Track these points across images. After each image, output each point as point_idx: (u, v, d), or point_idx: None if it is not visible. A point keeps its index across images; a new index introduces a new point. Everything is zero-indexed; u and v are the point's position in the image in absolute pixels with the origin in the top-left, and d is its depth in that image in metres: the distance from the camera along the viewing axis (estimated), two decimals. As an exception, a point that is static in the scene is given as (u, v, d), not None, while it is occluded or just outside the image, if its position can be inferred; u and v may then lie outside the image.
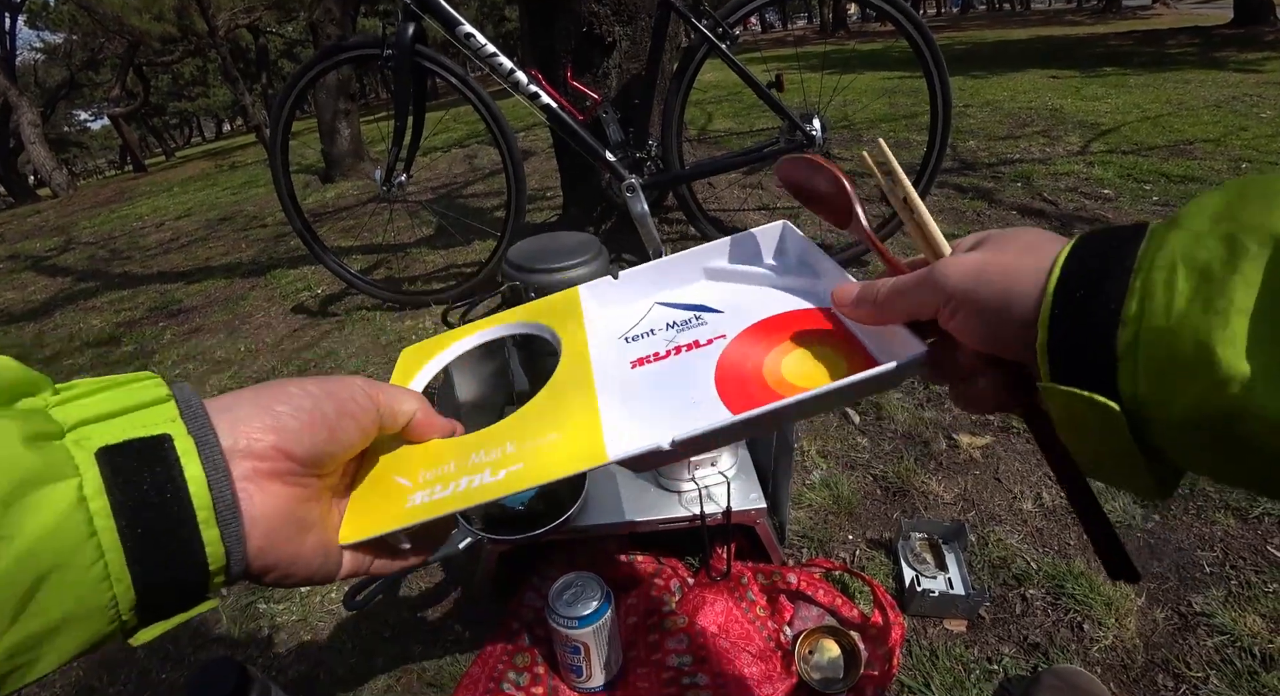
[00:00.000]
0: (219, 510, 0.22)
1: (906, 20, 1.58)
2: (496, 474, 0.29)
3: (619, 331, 0.37)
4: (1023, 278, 0.24)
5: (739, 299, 0.37)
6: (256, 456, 0.24)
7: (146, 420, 0.22)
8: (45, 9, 11.28)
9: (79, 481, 0.20)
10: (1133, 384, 0.20)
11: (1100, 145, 2.85)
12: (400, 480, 0.30)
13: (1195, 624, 0.81)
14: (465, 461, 0.30)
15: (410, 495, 0.29)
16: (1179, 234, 0.20)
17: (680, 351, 0.34)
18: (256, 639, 0.94)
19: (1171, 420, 0.20)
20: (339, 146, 4.24)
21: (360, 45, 1.65)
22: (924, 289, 0.27)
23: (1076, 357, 0.22)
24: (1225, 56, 5.30)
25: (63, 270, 3.41)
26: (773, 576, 0.88)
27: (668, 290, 0.40)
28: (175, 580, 0.22)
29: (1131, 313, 0.20)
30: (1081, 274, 0.22)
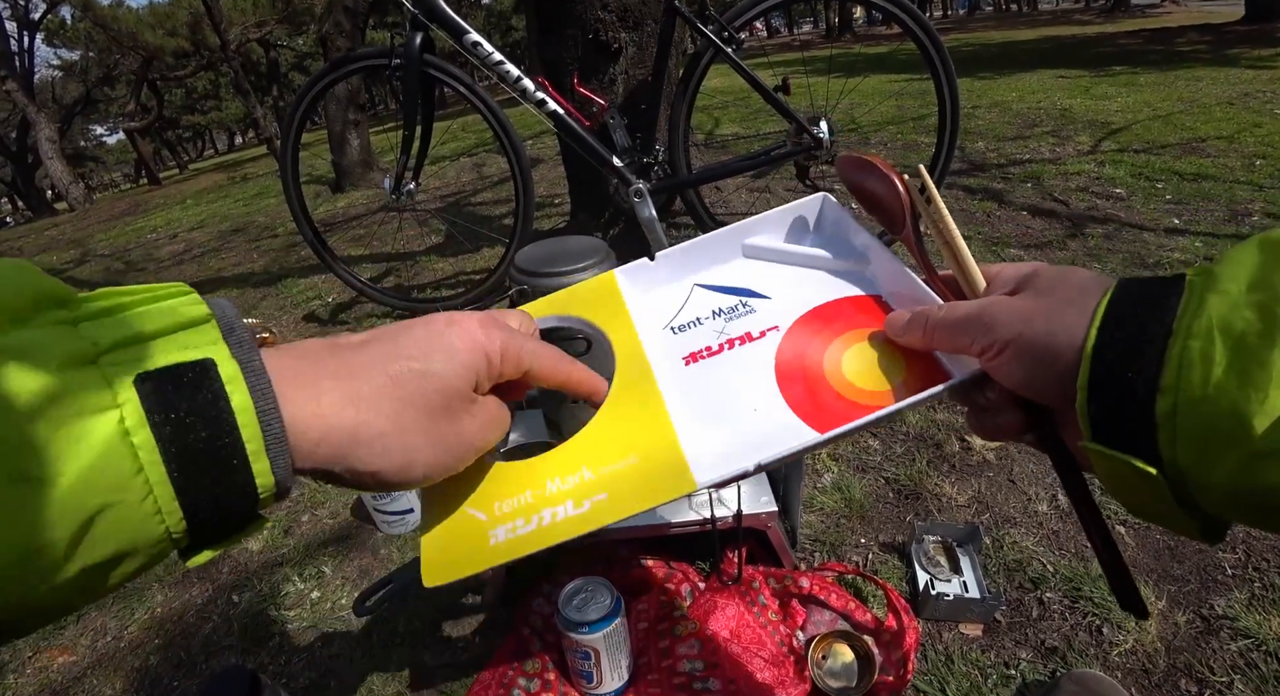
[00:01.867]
0: (268, 441, 0.21)
1: (913, 22, 1.57)
2: (581, 506, 0.28)
3: (663, 320, 0.36)
4: (1064, 330, 0.24)
5: (783, 282, 0.36)
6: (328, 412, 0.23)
7: (187, 342, 0.21)
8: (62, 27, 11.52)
9: (119, 413, 0.18)
10: (1172, 451, 0.21)
11: (1111, 144, 2.83)
12: (475, 513, 0.29)
13: (1218, 627, 0.79)
14: (542, 491, 0.29)
15: (490, 531, 0.28)
16: (1216, 299, 0.20)
17: (733, 345, 0.34)
18: (268, 645, 0.94)
19: (1212, 487, 0.20)
20: (349, 157, 4.29)
21: (369, 56, 1.67)
22: (972, 328, 0.27)
23: (1117, 422, 0.22)
24: (1237, 53, 5.24)
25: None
26: (784, 580, 0.87)
27: (706, 271, 0.39)
28: (227, 510, 0.21)
29: (1169, 382, 0.21)
30: (1120, 337, 0.22)
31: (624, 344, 0.35)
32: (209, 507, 0.21)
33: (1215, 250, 1.73)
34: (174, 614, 1.03)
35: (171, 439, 0.19)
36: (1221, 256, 0.22)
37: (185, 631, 0.99)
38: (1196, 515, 0.22)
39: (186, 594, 1.06)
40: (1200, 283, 0.21)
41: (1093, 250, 1.83)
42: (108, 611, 1.05)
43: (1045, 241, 1.92)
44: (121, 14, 9.83)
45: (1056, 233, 1.97)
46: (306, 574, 1.05)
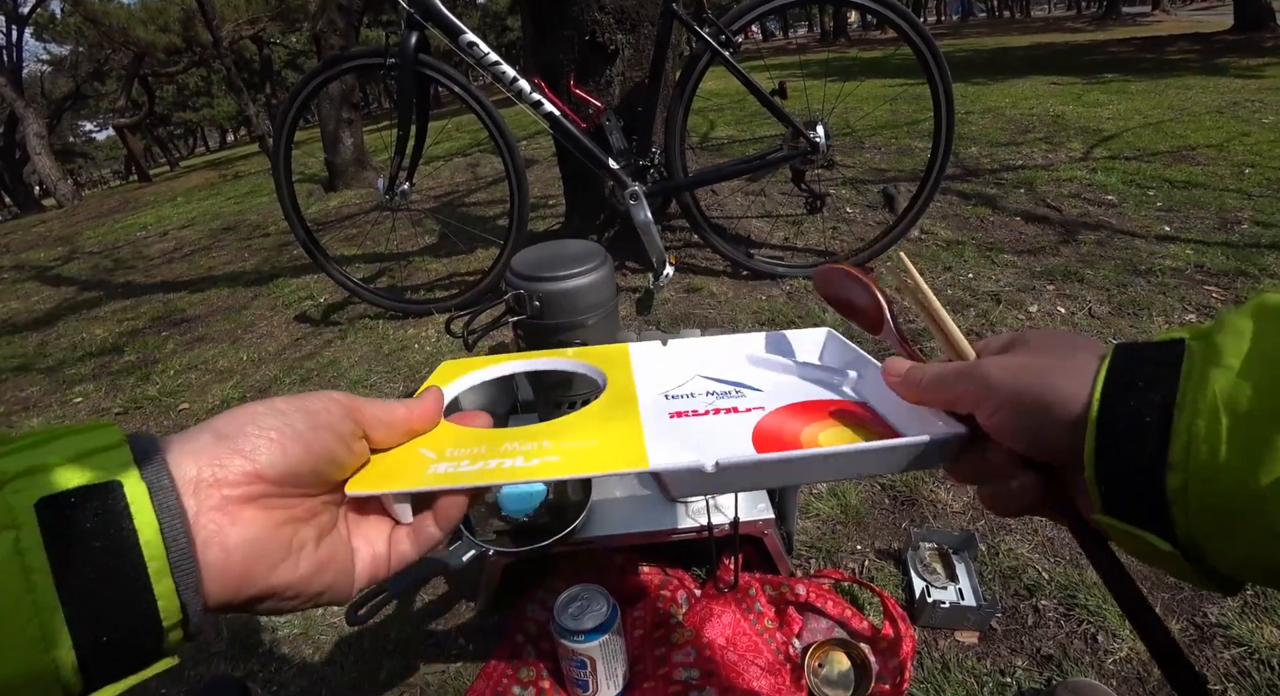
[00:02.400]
0: (174, 560, 0.20)
1: (909, 27, 1.58)
2: (530, 460, 0.29)
3: (661, 388, 0.39)
4: (1063, 383, 0.24)
5: (780, 383, 0.39)
6: (226, 484, 0.23)
7: (95, 465, 0.20)
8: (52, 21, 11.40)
9: (16, 534, 0.18)
10: (1186, 524, 0.21)
11: (1102, 151, 2.85)
12: (425, 451, 0.30)
13: (1211, 635, 0.80)
14: (498, 447, 0.30)
15: (433, 465, 0.29)
16: (1218, 374, 0.20)
17: (719, 412, 0.35)
18: (258, 654, 0.92)
19: (1230, 558, 0.20)
20: (342, 156, 4.26)
21: (363, 54, 1.65)
22: (965, 381, 0.27)
23: (1128, 496, 0.22)
24: (1226, 62, 5.31)
25: (67, 280, 3.42)
26: (781, 587, 0.87)
27: (711, 365, 0.42)
28: (123, 639, 0.20)
29: (1178, 458, 0.20)
30: (1123, 409, 0.22)
31: (619, 386, 0.37)
32: (101, 635, 0.19)
33: (1205, 257, 1.75)
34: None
35: (65, 559, 0.19)
36: (1220, 323, 0.22)
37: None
38: (1214, 576, 0.22)
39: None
40: (1200, 352, 0.21)
41: (1085, 256, 1.84)
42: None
43: (1038, 247, 1.93)
44: (112, 9, 9.73)
45: (1049, 239, 1.99)
46: (297, 579, 1.04)
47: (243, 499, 0.23)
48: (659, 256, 1.67)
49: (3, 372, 2.17)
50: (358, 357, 1.78)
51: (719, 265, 1.99)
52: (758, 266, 1.85)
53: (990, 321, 1.53)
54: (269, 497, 0.24)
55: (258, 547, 0.23)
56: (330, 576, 0.26)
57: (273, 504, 0.24)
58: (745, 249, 1.92)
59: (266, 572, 0.24)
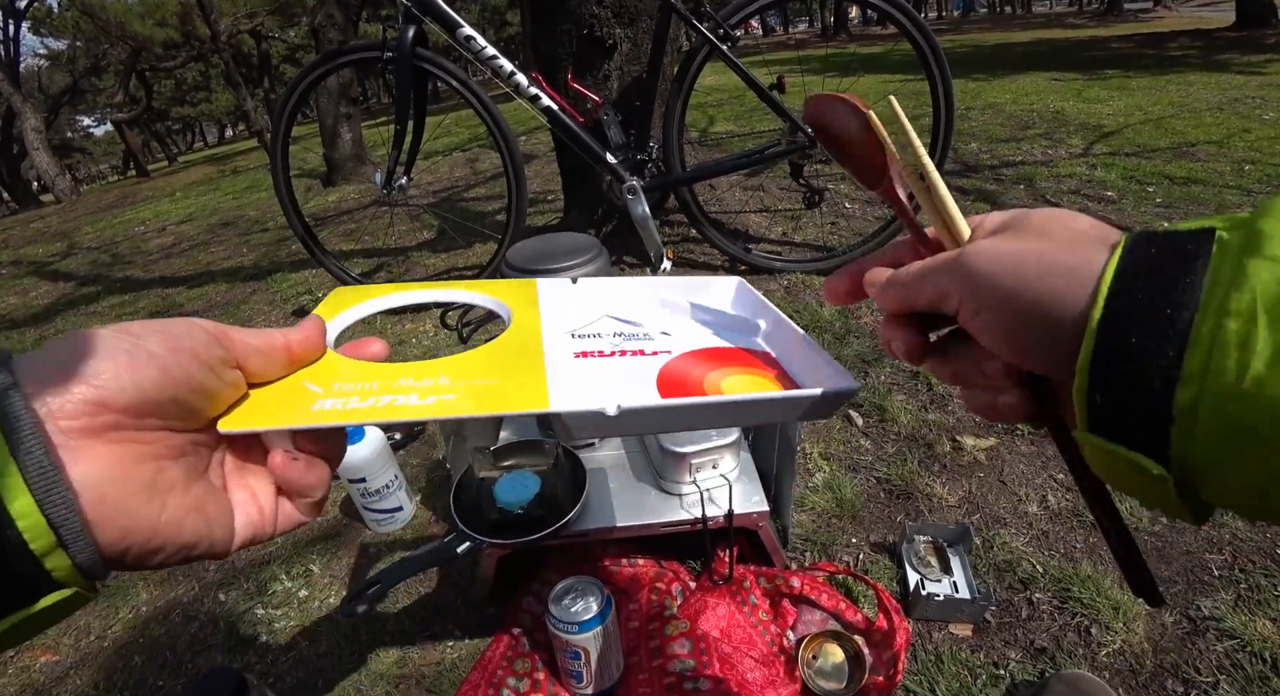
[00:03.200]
0: (28, 471, 0.18)
1: (909, 22, 1.57)
2: (425, 398, 0.27)
3: (567, 327, 0.38)
4: (1068, 278, 0.20)
5: (688, 329, 0.39)
6: (65, 415, 0.20)
7: None
8: (49, 16, 11.35)
9: None
10: (1185, 447, 0.18)
11: (1103, 147, 2.85)
12: (310, 386, 0.27)
13: (1204, 628, 0.80)
14: (390, 383, 0.28)
15: (319, 401, 0.26)
16: (1260, 267, 0.16)
17: (625, 354, 0.35)
18: (254, 645, 0.93)
19: (1228, 488, 0.18)
20: (340, 150, 4.25)
21: (361, 48, 1.65)
22: (947, 274, 0.23)
23: (1122, 413, 0.19)
24: (1227, 59, 5.29)
25: (65, 275, 3.42)
26: (775, 580, 0.87)
27: (621, 307, 0.41)
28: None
29: (1194, 368, 0.17)
30: (1133, 308, 0.18)
31: (524, 323, 0.36)
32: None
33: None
34: (159, 612, 1.01)
35: None
36: (1265, 207, 0.17)
37: (170, 630, 0.98)
38: (1193, 505, 0.19)
39: (172, 592, 1.05)
40: (1237, 242, 0.17)
41: (1084, 252, 1.84)
42: (91, 610, 1.03)
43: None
44: (110, 3, 9.69)
45: (1048, 234, 1.98)
46: (294, 572, 1.04)
47: (87, 430, 0.20)
48: (657, 251, 1.67)
49: (1, 367, 2.17)
50: (355, 352, 1.77)
51: (717, 259, 1.99)
52: (755, 261, 1.85)
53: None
54: (120, 430, 0.21)
55: (111, 485, 0.20)
56: (201, 523, 0.23)
57: (126, 437, 0.21)
58: (743, 243, 1.92)
59: (123, 515, 0.21)
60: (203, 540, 0.23)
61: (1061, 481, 1.04)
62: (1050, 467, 1.07)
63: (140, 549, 0.21)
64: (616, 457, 0.95)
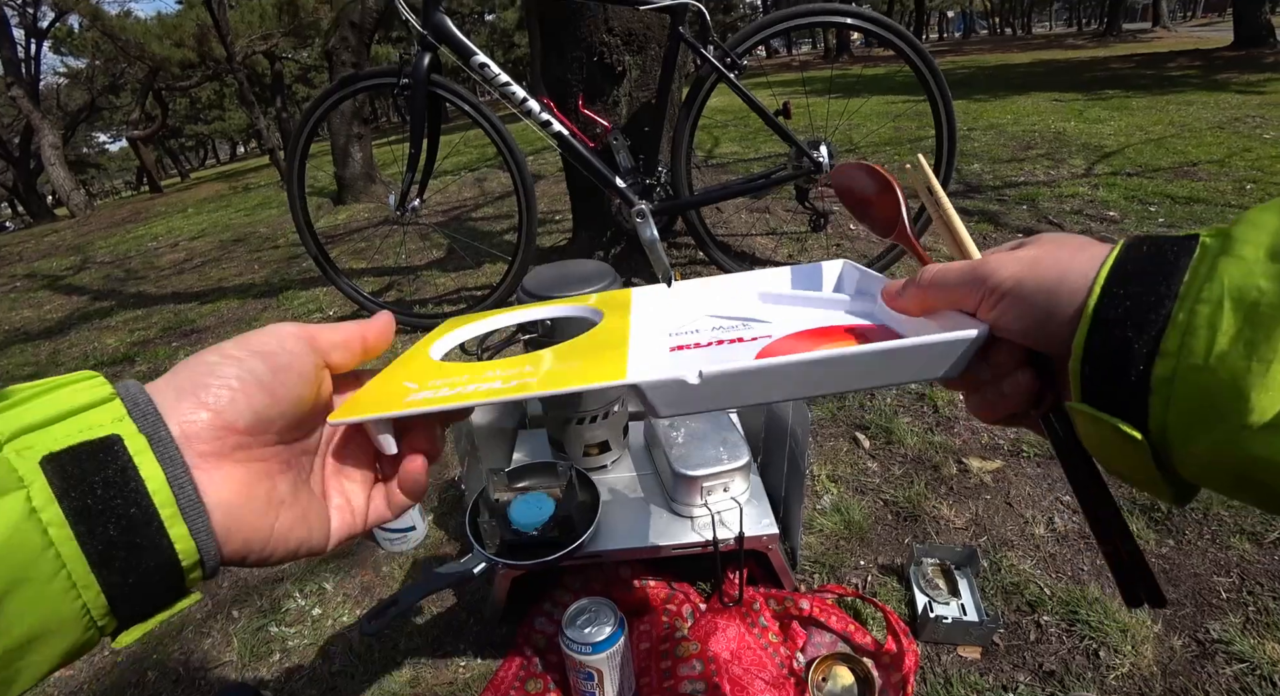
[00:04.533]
0: (183, 505, 0.21)
1: (907, 46, 1.61)
2: (508, 383, 0.28)
3: (665, 328, 0.38)
4: (1074, 274, 0.23)
5: (792, 314, 0.37)
6: (198, 440, 0.23)
7: (92, 421, 0.21)
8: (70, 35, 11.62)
9: (25, 493, 0.19)
10: (1162, 416, 0.20)
11: (1104, 167, 2.88)
12: (409, 384, 0.30)
13: (1213, 651, 0.80)
14: (480, 375, 0.30)
15: (413, 394, 0.28)
16: (1229, 263, 0.19)
17: (722, 343, 0.34)
18: (268, 662, 0.94)
19: (1195, 455, 0.20)
20: (351, 169, 4.32)
21: (377, 74, 1.69)
22: (969, 277, 0.26)
23: (1109, 382, 0.21)
24: (1226, 78, 5.35)
25: (78, 289, 3.47)
26: (785, 602, 0.88)
27: (720, 305, 0.40)
28: (148, 581, 0.21)
29: (1171, 346, 0.20)
30: (1124, 296, 0.21)
31: (611, 322, 0.36)
32: (128, 578, 0.20)
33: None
34: (172, 628, 1.02)
35: (80, 512, 0.19)
36: (1239, 218, 0.20)
37: (184, 646, 0.99)
38: (1172, 479, 0.22)
39: (186, 609, 1.06)
40: (1215, 245, 0.20)
41: (1087, 273, 1.85)
42: (106, 626, 1.04)
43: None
44: (130, 24, 9.92)
45: (1052, 255, 2.00)
46: (308, 590, 1.05)
47: (216, 454, 0.23)
48: (664, 273, 1.69)
49: (16, 380, 2.19)
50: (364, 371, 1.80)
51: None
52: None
53: (992, 338, 1.55)
54: (242, 449, 0.24)
55: (237, 503, 0.23)
56: (304, 530, 0.26)
57: (248, 456, 0.24)
58: (750, 266, 1.94)
59: (246, 528, 0.23)
60: (304, 543, 0.26)
61: (1068, 503, 1.05)
62: (1056, 490, 1.08)
63: (256, 556, 0.24)
64: (629, 480, 0.97)
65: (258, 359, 0.25)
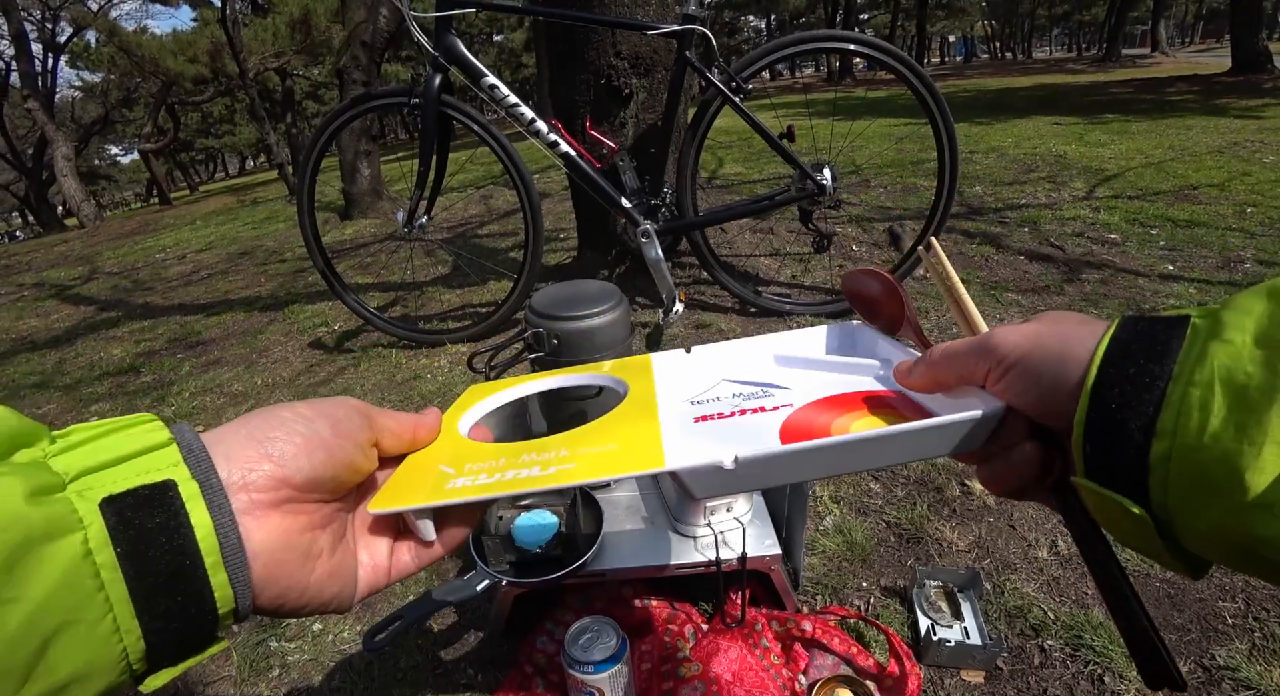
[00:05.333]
0: (226, 554, 0.22)
1: (908, 71, 1.64)
2: (547, 469, 0.29)
3: (686, 395, 0.38)
4: (1075, 347, 0.24)
5: (810, 380, 0.38)
6: (255, 488, 0.24)
7: (149, 466, 0.22)
8: (86, 50, 11.85)
9: (84, 534, 0.19)
10: (1163, 494, 0.21)
11: (1105, 190, 2.90)
12: (444, 468, 0.31)
13: (1220, 678, 0.80)
14: (516, 459, 0.31)
15: (452, 480, 0.29)
16: (1219, 348, 0.20)
17: (745, 414, 0.35)
18: (268, 678, 0.93)
19: (1197, 532, 0.21)
20: (359, 185, 4.37)
21: (389, 94, 1.73)
22: (977, 352, 0.28)
23: (1111, 461, 0.22)
24: (1225, 103, 5.41)
25: (86, 299, 3.50)
26: (787, 623, 0.88)
27: (737, 369, 0.41)
28: (186, 627, 0.21)
29: (1167, 426, 0.21)
30: (1120, 376, 0.22)
31: (640, 392, 0.37)
32: (167, 624, 0.21)
33: (1209, 296, 1.77)
34: (173, 643, 1.02)
35: (131, 556, 0.20)
36: (1229, 301, 0.22)
37: (184, 661, 0.98)
38: (1181, 555, 0.22)
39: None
40: (1205, 327, 0.21)
41: (1089, 295, 1.87)
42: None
43: (1042, 286, 1.96)
44: (145, 40, 10.10)
45: (1053, 277, 2.02)
46: (308, 605, 1.05)
47: (269, 504, 0.24)
48: (669, 293, 1.71)
49: (22, 389, 2.21)
50: (371, 385, 1.81)
51: (727, 302, 2.03)
52: (765, 303, 1.89)
53: (995, 359, 1.55)
54: (293, 503, 0.25)
55: (280, 553, 0.24)
56: (338, 585, 0.27)
57: (296, 510, 0.25)
58: (753, 286, 1.96)
59: (285, 577, 0.24)
60: (335, 598, 0.27)
61: (1071, 527, 1.05)
62: (1060, 513, 1.08)
63: (291, 605, 0.25)
64: (632, 499, 0.97)
65: (324, 421, 0.27)
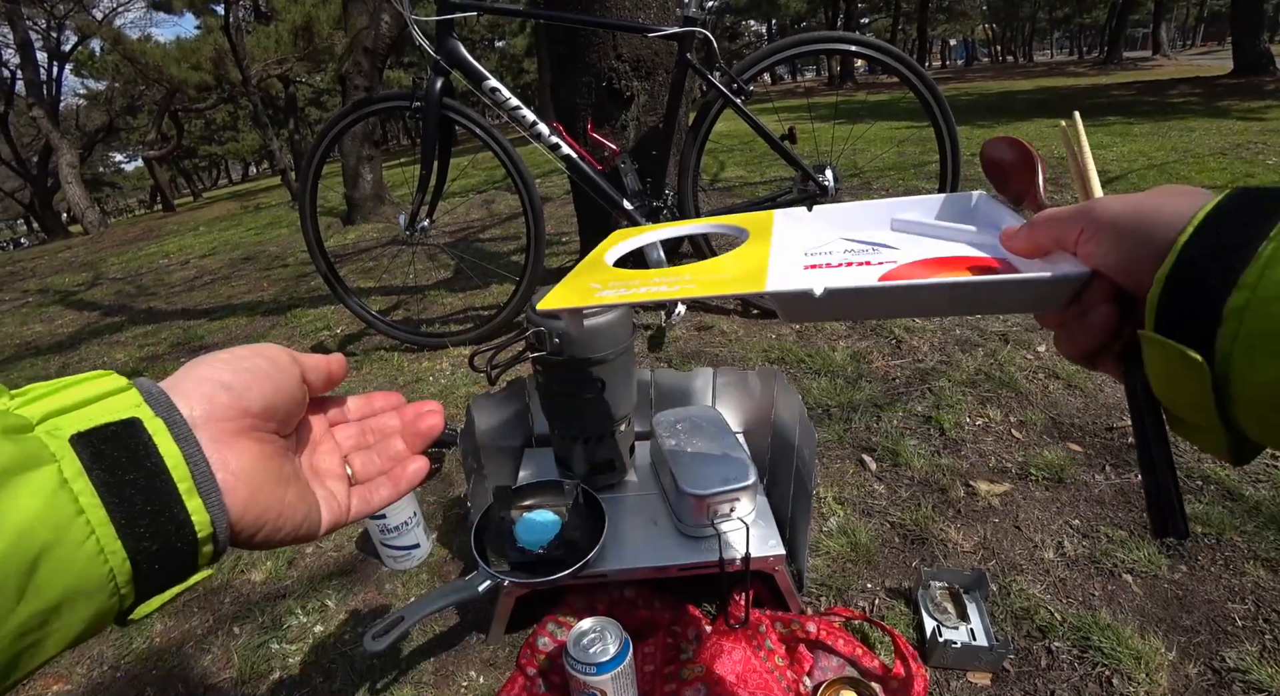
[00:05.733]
0: (198, 481, 0.23)
1: (911, 72, 1.64)
2: (672, 287, 0.37)
3: (802, 247, 0.42)
4: (1170, 213, 0.24)
5: (921, 243, 0.40)
6: (219, 419, 0.25)
7: (112, 406, 0.23)
8: (91, 58, 11.94)
9: (57, 466, 0.20)
10: (1229, 346, 0.21)
11: (1108, 192, 2.89)
12: (594, 285, 0.41)
13: (1230, 680, 0.79)
14: (650, 280, 0.40)
15: (600, 291, 0.39)
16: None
17: (851, 265, 0.38)
18: (269, 679, 0.93)
19: (1254, 386, 0.21)
20: (361, 190, 4.39)
21: (391, 98, 1.73)
22: (1075, 215, 0.28)
23: (1183, 312, 0.23)
24: (1228, 105, 5.41)
25: (90, 305, 3.51)
26: (791, 625, 0.87)
27: (855, 229, 0.44)
28: (167, 549, 0.22)
29: (1250, 279, 0.21)
30: (1214, 234, 0.22)
31: (758, 240, 0.43)
32: (150, 546, 0.22)
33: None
34: (173, 644, 1.02)
35: (108, 484, 0.21)
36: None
37: (184, 662, 0.98)
38: (1230, 425, 0.22)
39: (186, 624, 1.05)
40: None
41: (1092, 296, 1.86)
42: (105, 639, 1.04)
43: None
44: (149, 48, 10.17)
45: (1056, 278, 2.01)
46: (309, 607, 1.05)
47: (236, 431, 0.25)
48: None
49: (26, 396, 2.22)
50: (373, 389, 1.81)
51: (730, 304, 2.03)
52: (767, 305, 1.89)
53: (999, 361, 1.55)
54: (255, 430, 0.26)
55: (259, 475, 0.26)
56: (305, 508, 0.28)
57: (261, 437, 0.27)
58: (755, 285, 1.95)
59: (265, 497, 0.26)
60: (306, 521, 0.29)
61: (1077, 527, 1.04)
62: (1065, 513, 1.07)
63: (269, 528, 0.27)
64: (635, 499, 0.96)
65: (260, 358, 0.28)
